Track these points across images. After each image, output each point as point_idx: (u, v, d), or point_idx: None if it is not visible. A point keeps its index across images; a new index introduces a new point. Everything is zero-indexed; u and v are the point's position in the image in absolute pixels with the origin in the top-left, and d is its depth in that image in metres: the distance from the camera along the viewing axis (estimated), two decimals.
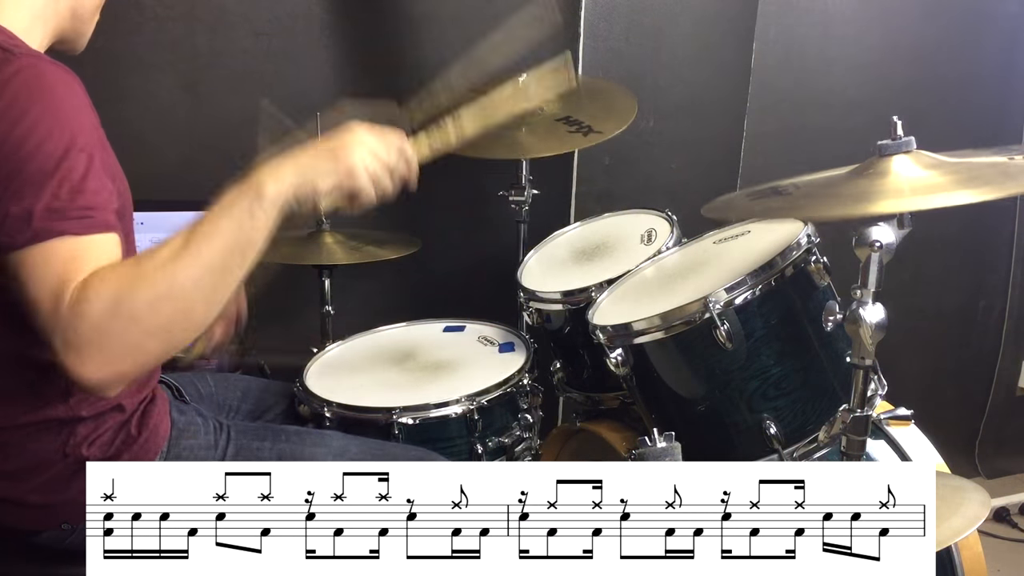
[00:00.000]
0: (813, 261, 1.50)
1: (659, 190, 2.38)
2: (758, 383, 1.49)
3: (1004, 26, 2.64)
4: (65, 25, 1.27)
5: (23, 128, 1.06)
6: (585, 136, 1.93)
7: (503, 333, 1.83)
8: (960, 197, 1.13)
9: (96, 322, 1.02)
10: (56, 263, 1.05)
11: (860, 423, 1.31)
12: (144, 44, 1.99)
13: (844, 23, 2.47)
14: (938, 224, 2.58)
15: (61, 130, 1.08)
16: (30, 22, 1.20)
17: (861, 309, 1.24)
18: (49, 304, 1.03)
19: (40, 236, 1.05)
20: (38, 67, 1.11)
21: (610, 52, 2.28)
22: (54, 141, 1.07)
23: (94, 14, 1.31)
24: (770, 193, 1.36)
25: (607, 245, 1.91)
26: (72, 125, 1.10)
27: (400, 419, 1.54)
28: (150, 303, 1.04)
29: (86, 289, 1.03)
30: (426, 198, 1.62)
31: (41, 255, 1.05)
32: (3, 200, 1.05)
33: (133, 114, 2.01)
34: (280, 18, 2.06)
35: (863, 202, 1.20)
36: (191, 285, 1.06)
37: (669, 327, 1.49)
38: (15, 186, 1.06)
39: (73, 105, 1.12)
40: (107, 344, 1.03)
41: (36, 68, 1.11)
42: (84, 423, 1.24)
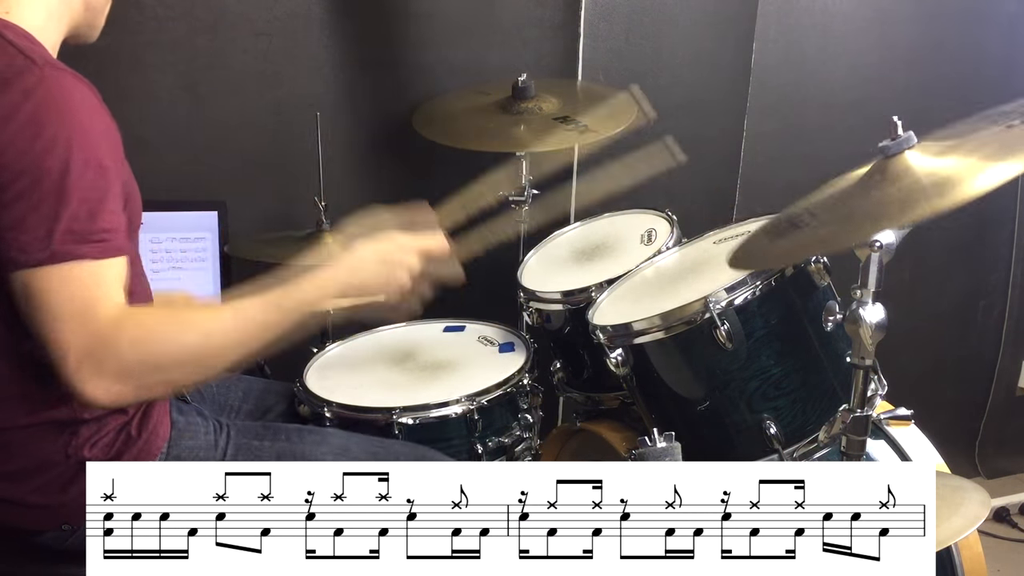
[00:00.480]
0: (813, 261, 1.50)
1: (659, 190, 2.38)
2: (758, 383, 1.49)
3: (1004, 26, 2.64)
4: (79, 19, 1.27)
5: (44, 141, 1.07)
6: (580, 134, 1.93)
7: (503, 333, 1.83)
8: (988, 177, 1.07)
9: (122, 361, 1.09)
10: (76, 286, 1.08)
11: (860, 423, 1.31)
12: (144, 44, 1.99)
13: (844, 23, 2.47)
14: (938, 224, 2.56)
15: (82, 148, 1.09)
16: (46, 19, 1.20)
17: (861, 309, 1.24)
18: (71, 325, 1.06)
19: (58, 258, 1.07)
20: (61, 80, 1.11)
21: (610, 52, 2.28)
22: (75, 158, 1.08)
23: (107, 4, 1.31)
24: (788, 226, 1.30)
25: (607, 245, 1.91)
26: (93, 144, 1.11)
27: (400, 419, 1.54)
28: (178, 360, 1.14)
29: (121, 328, 1.09)
30: (426, 198, 1.64)
31: (58, 277, 1.07)
32: (21, 215, 1.06)
33: (133, 114, 2.01)
34: (280, 18, 2.06)
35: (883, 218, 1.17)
36: (219, 353, 1.17)
37: (669, 327, 1.49)
38: (34, 199, 1.06)
39: (95, 122, 1.13)
40: (124, 379, 1.10)
41: (59, 81, 1.11)
42: (86, 425, 1.24)
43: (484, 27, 2.20)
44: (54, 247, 1.06)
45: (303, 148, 2.02)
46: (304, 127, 1.98)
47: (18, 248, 1.06)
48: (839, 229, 1.24)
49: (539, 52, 2.24)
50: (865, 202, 1.21)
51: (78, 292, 1.07)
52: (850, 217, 1.23)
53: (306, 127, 1.97)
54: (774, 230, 1.34)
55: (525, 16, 2.22)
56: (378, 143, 2.23)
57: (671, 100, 2.35)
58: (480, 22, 2.19)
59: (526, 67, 2.06)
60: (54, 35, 1.22)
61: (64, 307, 1.07)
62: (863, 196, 1.22)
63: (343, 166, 2.16)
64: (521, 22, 2.22)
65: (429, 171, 2.20)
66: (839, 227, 1.24)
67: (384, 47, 2.17)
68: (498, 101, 2.03)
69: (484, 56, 2.20)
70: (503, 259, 2.07)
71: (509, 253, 2.08)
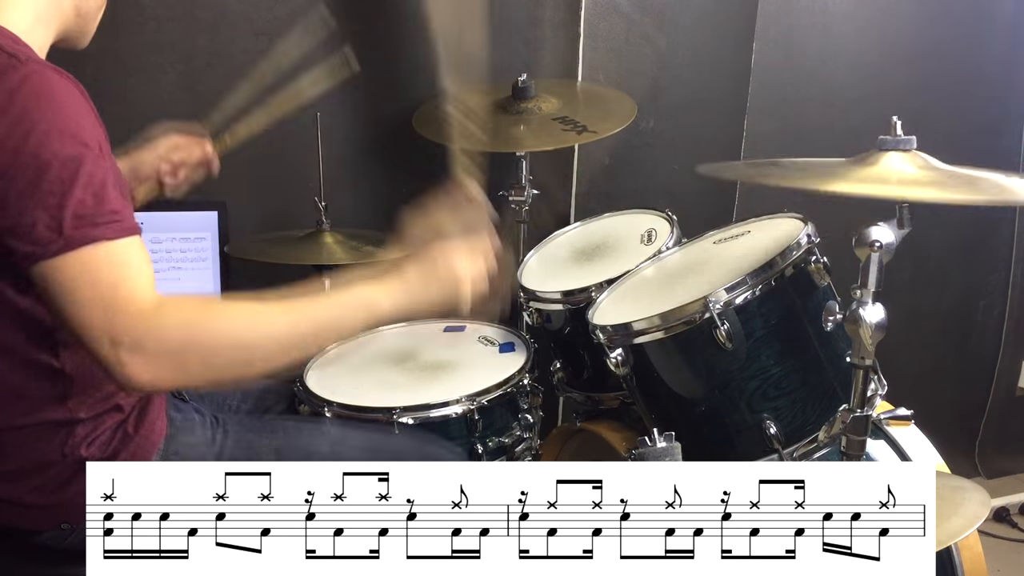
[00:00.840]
0: (813, 261, 1.50)
1: (659, 190, 2.38)
2: (758, 383, 1.49)
3: (1004, 26, 2.64)
4: (70, 24, 1.26)
5: (37, 137, 1.06)
6: (579, 135, 1.93)
7: (503, 333, 1.83)
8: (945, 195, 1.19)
9: (164, 341, 1.08)
10: (98, 269, 1.07)
11: (860, 423, 1.31)
12: (144, 44, 1.99)
13: (844, 23, 2.47)
14: (938, 224, 2.58)
15: (74, 137, 1.08)
16: (32, 22, 1.20)
17: (861, 309, 1.24)
18: (99, 309, 1.05)
19: (72, 244, 1.06)
20: (44, 75, 1.11)
21: (610, 52, 2.28)
22: (69, 148, 1.07)
23: (99, 11, 1.31)
24: (768, 165, 1.42)
25: (607, 245, 1.91)
26: (83, 133, 1.10)
27: (400, 419, 1.54)
28: (223, 345, 1.11)
29: (163, 307, 1.08)
30: (426, 198, 1.63)
31: (78, 262, 1.06)
32: (28, 211, 1.06)
33: (133, 114, 2.01)
34: (280, 18, 2.06)
35: (853, 180, 1.24)
36: (267, 344, 1.14)
37: (669, 327, 1.49)
38: (38, 196, 1.06)
39: (80, 114, 1.12)
40: (165, 360, 1.08)
41: (42, 76, 1.11)
42: (83, 424, 1.24)
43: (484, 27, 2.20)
44: (66, 234, 1.05)
45: (303, 148, 2.02)
46: (304, 127, 1.98)
47: (32, 243, 1.06)
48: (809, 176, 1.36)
49: (539, 52, 2.24)
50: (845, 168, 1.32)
51: (102, 275, 1.06)
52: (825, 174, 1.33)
53: (306, 127, 1.97)
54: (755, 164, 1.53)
55: (525, 16, 2.22)
56: (378, 143, 2.23)
57: (671, 100, 2.36)
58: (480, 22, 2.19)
59: (526, 67, 2.07)
60: (41, 39, 1.22)
61: (89, 292, 1.06)
62: (845, 167, 1.33)
63: (343, 166, 2.16)
64: (521, 22, 2.22)
65: (429, 171, 2.19)
66: (810, 175, 1.37)
67: (384, 47, 2.17)
68: (498, 101, 2.03)
69: (484, 56, 2.20)
70: None
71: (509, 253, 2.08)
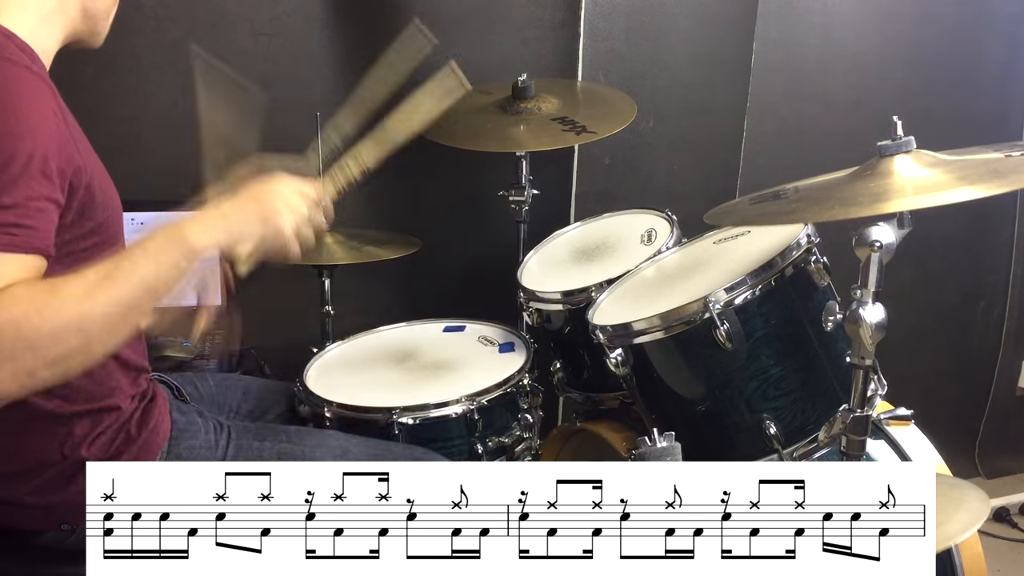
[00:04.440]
0: (813, 261, 1.50)
1: (659, 190, 2.38)
2: (758, 383, 1.49)
3: (1004, 26, 2.64)
4: (78, 26, 1.26)
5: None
6: (579, 135, 1.93)
7: (503, 333, 1.83)
8: (960, 194, 1.14)
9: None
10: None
11: (860, 423, 1.31)
12: (144, 44, 1.99)
13: (844, 23, 2.47)
14: (938, 224, 2.58)
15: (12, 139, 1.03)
16: (36, 23, 1.19)
17: (861, 309, 1.24)
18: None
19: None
20: (8, 72, 1.08)
21: (610, 52, 2.28)
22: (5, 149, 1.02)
23: (110, 11, 1.30)
24: (770, 198, 1.36)
25: (607, 245, 1.92)
26: (27, 137, 1.05)
27: (400, 419, 1.54)
28: (54, 334, 1.00)
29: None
30: (426, 198, 1.63)
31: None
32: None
33: (132, 114, 2.01)
34: (280, 18, 2.06)
35: (858, 205, 1.20)
36: (100, 320, 1.03)
37: (669, 327, 1.49)
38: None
39: (34, 115, 1.08)
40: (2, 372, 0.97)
41: (6, 72, 1.08)
42: (80, 421, 1.23)
43: (484, 27, 2.20)
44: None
45: (303, 148, 2.02)
46: (304, 127, 1.98)
47: None
48: (807, 207, 1.30)
49: (539, 52, 2.24)
50: (848, 190, 1.26)
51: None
52: (822, 200, 1.28)
53: (306, 127, 1.97)
54: (758, 198, 1.40)
55: (525, 16, 2.22)
56: None
57: (671, 100, 2.36)
58: (480, 22, 2.19)
59: (526, 67, 2.06)
60: (48, 41, 1.21)
61: None
62: (848, 185, 1.27)
63: None
64: (521, 22, 2.22)
65: (429, 171, 2.20)
66: (807, 205, 1.30)
67: (384, 47, 2.17)
68: (498, 101, 2.03)
69: (484, 56, 2.20)
70: (503, 259, 2.08)
71: (509, 253, 2.08)
